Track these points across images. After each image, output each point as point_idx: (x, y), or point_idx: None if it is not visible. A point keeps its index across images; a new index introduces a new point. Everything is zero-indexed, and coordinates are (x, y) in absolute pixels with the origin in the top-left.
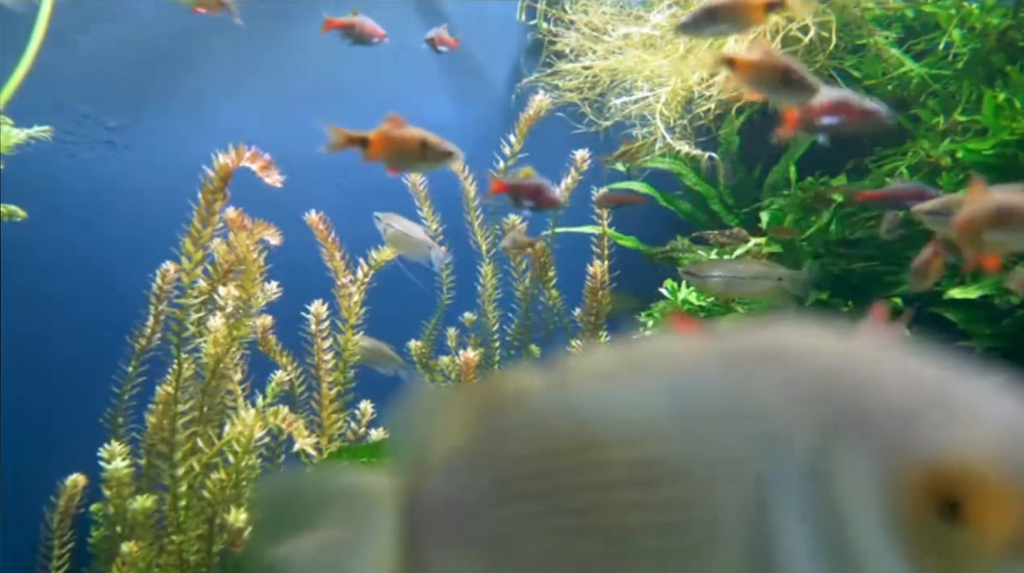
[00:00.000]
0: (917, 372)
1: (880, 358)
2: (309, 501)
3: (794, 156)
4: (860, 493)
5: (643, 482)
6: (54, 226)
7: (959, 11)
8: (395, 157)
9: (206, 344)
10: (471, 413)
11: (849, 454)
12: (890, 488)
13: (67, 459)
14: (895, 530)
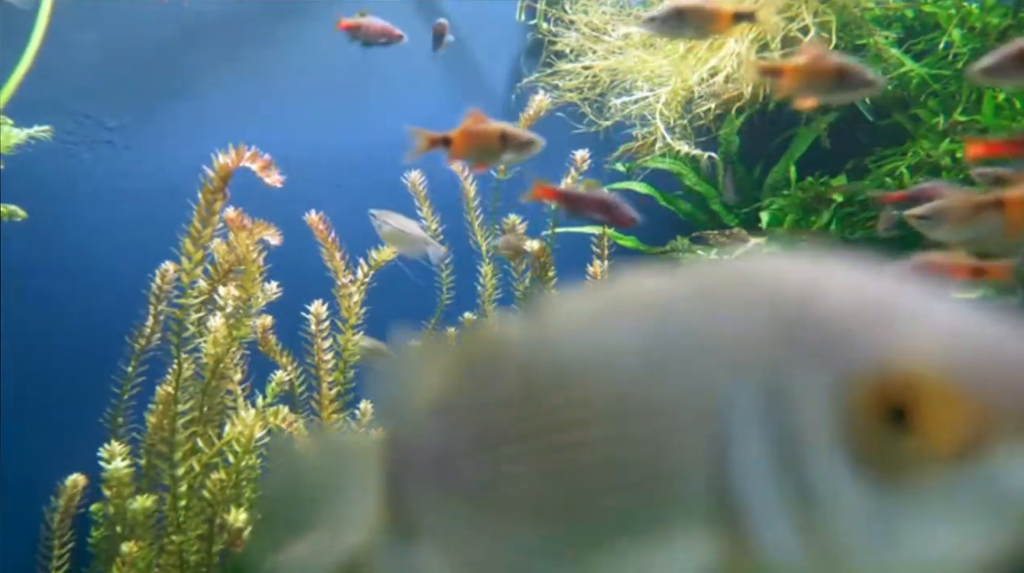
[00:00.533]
0: (866, 287)
1: (832, 276)
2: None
3: (794, 156)
4: (812, 408)
5: (615, 418)
6: (54, 226)
7: (959, 11)
8: (477, 153)
9: (206, 344)
10: (452, 364)
11: (801, 371)
12: (838, 400)
13: (67, 459)
14: (845, 442)
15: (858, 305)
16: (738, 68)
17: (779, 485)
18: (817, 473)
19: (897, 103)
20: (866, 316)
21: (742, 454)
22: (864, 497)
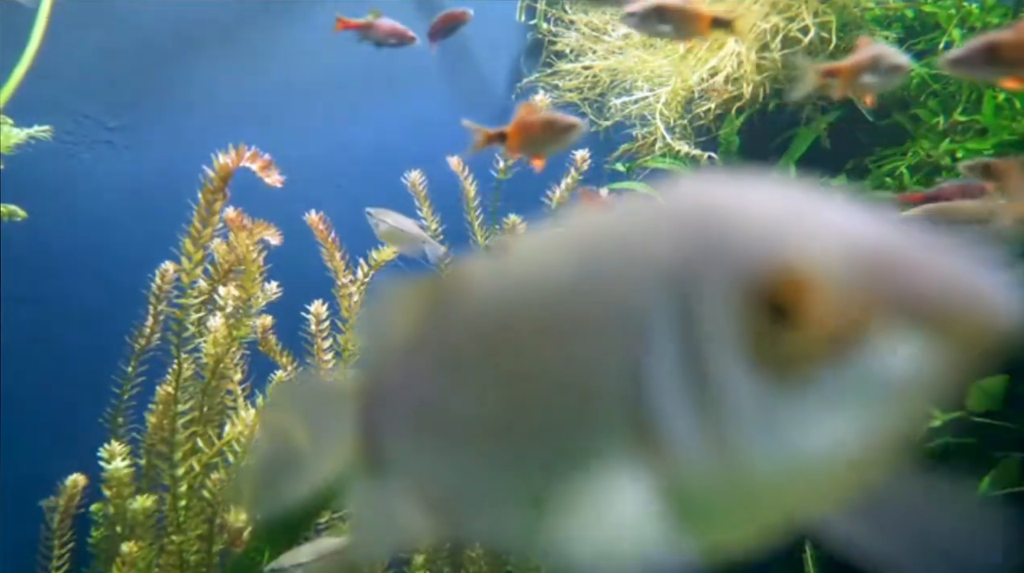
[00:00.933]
0: (766, 195)
1: (736, 189)
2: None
3: (794, 156)
4: (712, 312)
5: (551, 343)
6: (54, 226)
7: (959, 11)
8: (528, 145)
9: (206, 344)
10: (420, 307)
11: (702, 277)
12: (732, 300)
13: (67, 459)
14: (740, 341)
15: (755, 211)
16: (738, 68)
17: (687, 390)
18: (717, 374)
19: (897, 103)
20: (760, 220)
21: (656, 364)
22: (758, 394)
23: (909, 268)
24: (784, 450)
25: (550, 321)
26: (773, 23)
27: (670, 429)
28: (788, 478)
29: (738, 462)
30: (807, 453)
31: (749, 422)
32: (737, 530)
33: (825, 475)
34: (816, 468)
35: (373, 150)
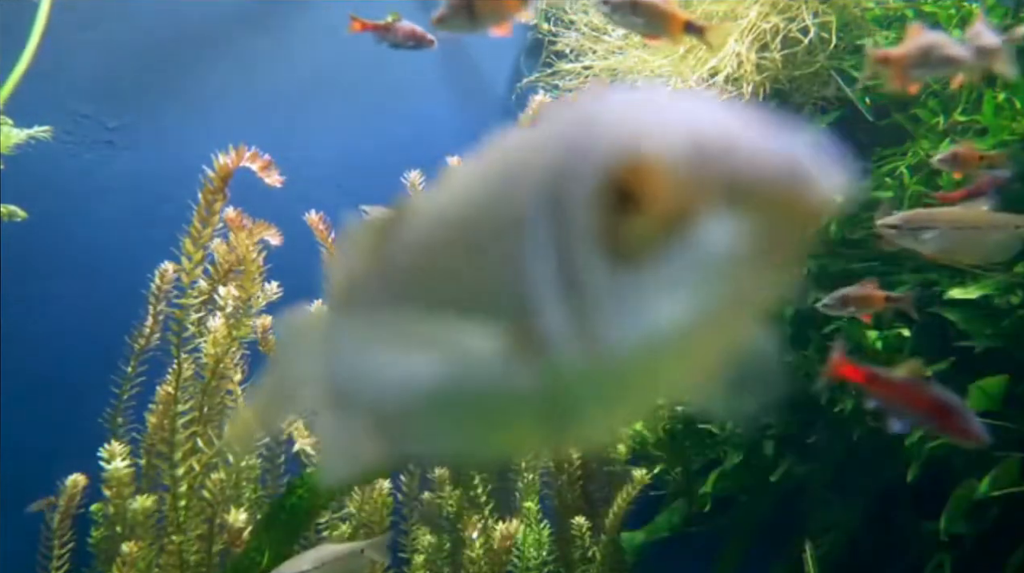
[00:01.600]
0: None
1: (613, 98)
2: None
3: None
4: (578, 209)
5: (461, 255)
6: (54, 226)
7: (959, 11)
8: None
9: (206, 344)
10: (369, 242)
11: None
12: (591, 194)
13: (67, 459)
14: (595, 229)
15: (615, 112)
16: (738, 68)
17: (560, 287)
18: (581, 267)
19: (897, 103)
20: (617, 119)
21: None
22: (613, 281)
23: (738, 151)
24: (639, 330)
25: (457, 237)
26: (773, 23)
27: (547, 325)
28: (647, 357)
29: (602, 347)
30: (659, 331)
31: (608, 308)
32: (613, 415)
33: (678, 350)
34: (668, 344)
35: (373, 150)
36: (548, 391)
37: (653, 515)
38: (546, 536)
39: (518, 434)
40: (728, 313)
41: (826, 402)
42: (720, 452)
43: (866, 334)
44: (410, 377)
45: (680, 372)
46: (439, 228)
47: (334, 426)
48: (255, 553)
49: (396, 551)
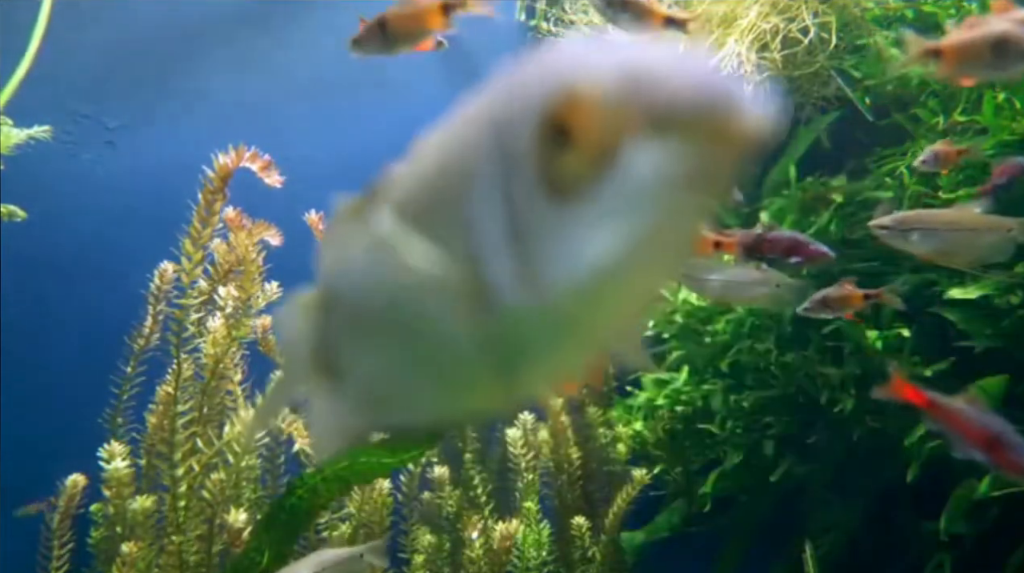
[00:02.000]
0: (576, 44)
1: (558, 46)
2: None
3: (794, 156)
4: (520, 149)
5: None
6: (54, 226)
7: (959, 11)
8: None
9: (206, 344)
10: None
11: (516, 121)
12: (531, 133)
13: (67, 459)
14: (533, 168)
15: (557, 56)
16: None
17: (504, 230)
18: (520, 203)
19: (897, 103)
20: (558, 60)
21: (481, 215)
22: (552, 218)
23: (664, 80)
24: (579, 265)
25: (417, 201)
26: (773, 23)
27: (494, 270)
28: (588, 292)
29: (545, 285)
30: (597, 264)
31: (548, 246)
32: (563, 359)
33: (617, 283)
34: (607, 277)
35: (373, 150)
36: (499, 337)
37: (653, 515)
38: (546, 536)
39: (475, 388)
40: (662, 244)
41: (826, 402)
42: (720, 452)
43: (866, 334)
44: (380, 342)
45: (621, 306)
46: (402, 197)
47: (323, 403)
48: (255, 553)
49: (396, 551)
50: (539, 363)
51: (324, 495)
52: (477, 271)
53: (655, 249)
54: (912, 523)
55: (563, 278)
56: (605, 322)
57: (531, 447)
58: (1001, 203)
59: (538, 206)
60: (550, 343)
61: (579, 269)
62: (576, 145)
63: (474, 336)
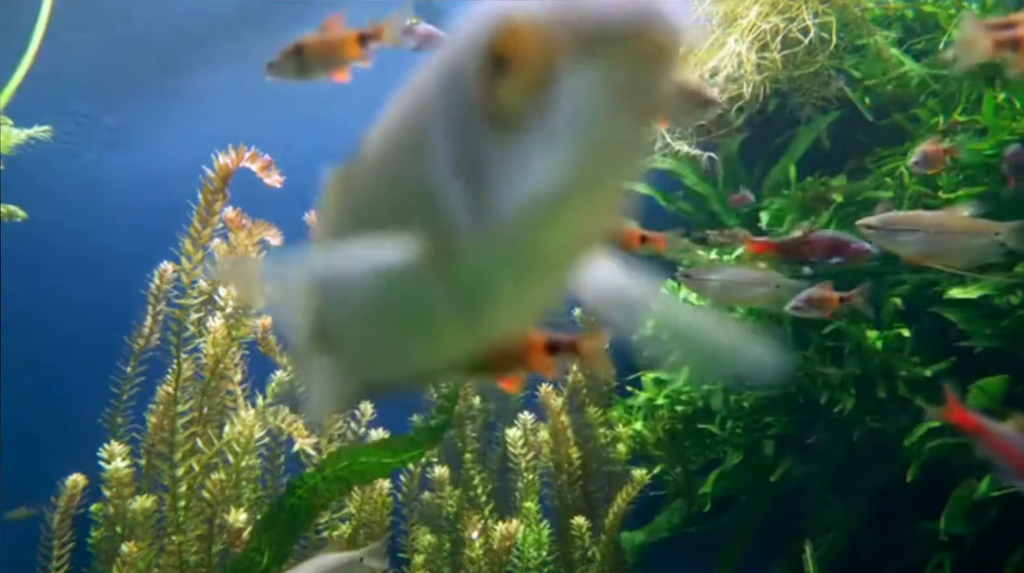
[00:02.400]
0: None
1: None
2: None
3: (794, 156)
4: (467, 87)
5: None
6: (54, 226)
7: (959, 11)
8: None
9: (206, 344)
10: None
11: (464, 61)
12: (476, 68)
13: (67, 459)
14: (479, 103)
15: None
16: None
17: (457, 170)
18: (469, 139)
19: (897, 103)
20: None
21: (437, 159)
22: (496, 149)
23: (589, 5)
24: (526, 193)
25: (383, 161)
26: (773, 23)
27: (449, 210)
28: (537, 219)
29: (497, 216)
30: (544, 190)
31: (497, 177)
32: (523, 295)
33: (564, 209)
34: (554, 202)
35: None
36: (462, 278)
37: (653, 515)
38: (546, 536)
39: (448, 335)
40: (603, 167)
41: (826, 402)
42: (720, 452)
43: (866, 334)
44: (353, 297)
45: (571, 234)
46: (371, 161)
47: (320, 367)
48: (255, 553)
49: (396, 551)
50: (502, 299)
51: (324, 495)
52: (436, 213)
53: (597, 172)
54: (912, 523)
55: (512, 207)
56: (558, 251)
57: (531, 447)
58: (1004, 203)
59: (485, 138)
60: (509, 276)
61: (526, 196)
62: (514, 72)
63: (440, 282)
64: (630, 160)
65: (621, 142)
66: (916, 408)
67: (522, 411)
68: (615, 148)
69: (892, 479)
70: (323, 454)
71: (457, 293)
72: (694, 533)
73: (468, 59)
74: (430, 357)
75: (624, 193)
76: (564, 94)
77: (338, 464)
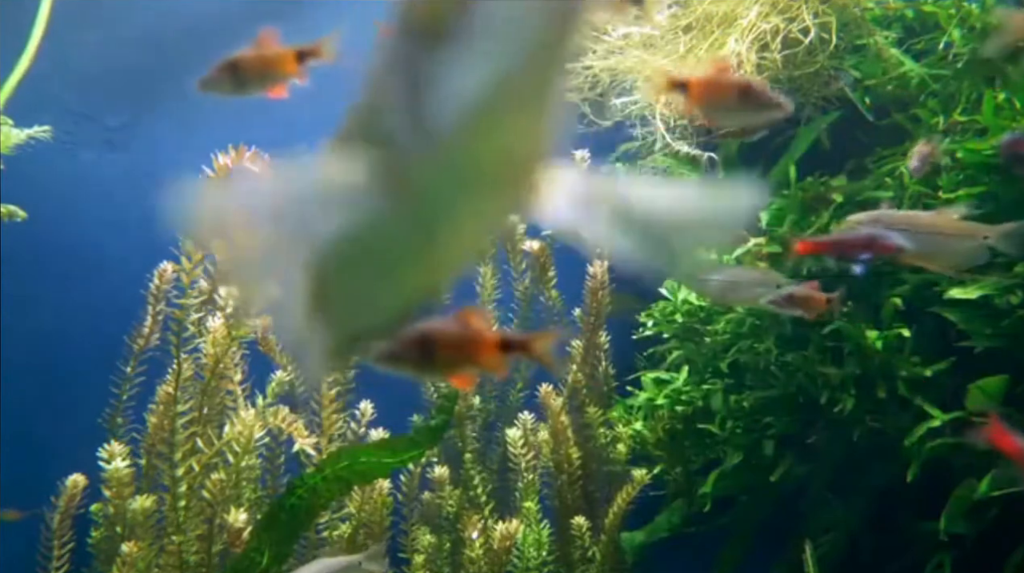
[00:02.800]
0: None
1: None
2: None
3: (794, 156)
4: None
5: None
6: (54, 226)
7: (959, 11)
8: (714, 106)
9: (206, 344)
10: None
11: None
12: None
13: (67, 459)
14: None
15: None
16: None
17: (397, 82)
18: (406, 58)
19: (897, 103)
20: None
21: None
22: (427, 63)
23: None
24: (458, 104)
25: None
26: (773, 23)
27: (395, 130)
28: (471, 130)
29: (435, 127)
30: (473, 100)
31: (431, 91)
32: (474, 211)
33: (498, 118)
34: (484, 112)
35: None
36: (411, 195)
37: (653, 515)
38: (546, 536)
39: (413, 264)
40: (530, 70)
41: (826, 402)
42: (720, 452)
43: (866, 334)
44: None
45: (511, 144)
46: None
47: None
48: (255, 553)
49: (396, 551)
50: (453, 215)
51: (324, 495)
52: (382, 131)
53: (524, 77)
54: (912, 523)
55: (446, 116)
56: (501, 161)
57: (531, 447)
58: (1003, 202)
59: (417, 51)
60: (456, 190)
61: (457, 105)
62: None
63: (393, 200)
64: (558, 65)
65: (546, 46)
66: (916, 408)
67: (522, 411)
68: (541, 52)
69: (892, 479)
70: (323, 454)
71: (410, 210)
72: (694, 533)
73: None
74: (397, 287)
75: (560, 102)
76: (488, 5)
77: (338, 464)
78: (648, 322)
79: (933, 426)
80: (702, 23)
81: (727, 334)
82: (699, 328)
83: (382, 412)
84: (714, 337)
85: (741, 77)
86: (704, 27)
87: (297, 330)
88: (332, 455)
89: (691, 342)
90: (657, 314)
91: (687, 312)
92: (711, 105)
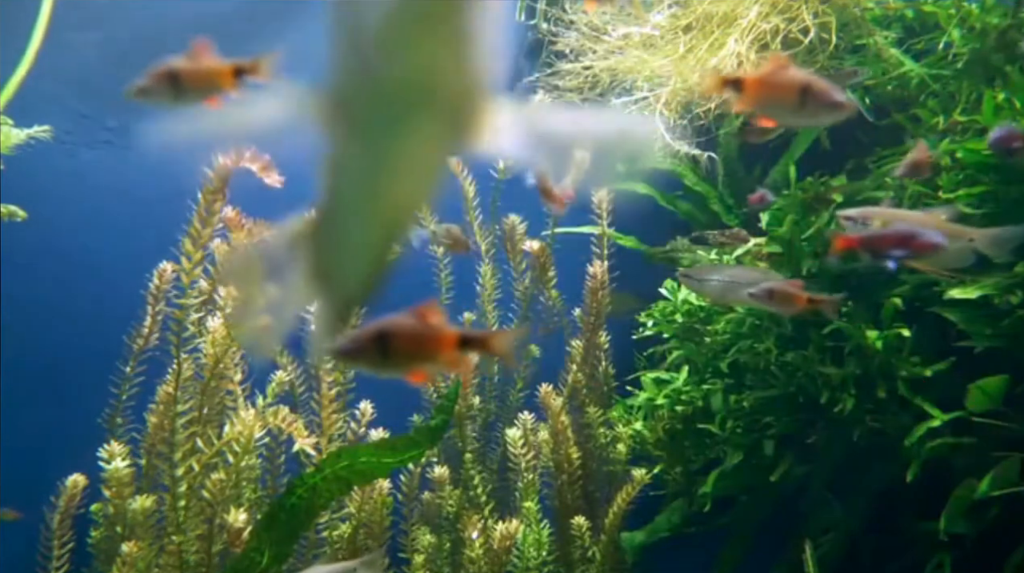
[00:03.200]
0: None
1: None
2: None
3: (794, 156)
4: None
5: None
6: (54, 226)
7: (959, 11)
8: (769, 105)
9: (206, 344)
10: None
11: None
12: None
13: (67, 459)
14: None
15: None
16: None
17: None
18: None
19: (897, 103)
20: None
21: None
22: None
23: None
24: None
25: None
26: (773, 23)
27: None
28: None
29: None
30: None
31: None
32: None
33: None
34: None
35: None
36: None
37: (653, 515)
38: (546, 536)
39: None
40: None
41: (826, 402)
42: (720, 452)
43: (866, 334)
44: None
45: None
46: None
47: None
48: (255, 553)
49: (396, 551)
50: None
51: (324, 495)
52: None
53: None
54: (912, 523)
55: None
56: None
57: (531, 447)
58: (1003, 202)
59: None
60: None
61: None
62: None
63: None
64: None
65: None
66: (916, 408)
67: (522, 411)
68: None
69: (892, 479)
70: (323, 454)
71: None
72: (694, 533)
73: None
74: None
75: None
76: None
77: (338, 464)
78: (648, 322)
79: (933, 426)
80: (702, 23)
81: (727, 334)
82: (699, 328)
83: (382, 412)
84: (714, 337)
85: (801, 75)
86: (704, 27)
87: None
88: (332, 455)
89: (691, 342)
90: (657, 314)
91: (687, 312)
92: (767, 105)
